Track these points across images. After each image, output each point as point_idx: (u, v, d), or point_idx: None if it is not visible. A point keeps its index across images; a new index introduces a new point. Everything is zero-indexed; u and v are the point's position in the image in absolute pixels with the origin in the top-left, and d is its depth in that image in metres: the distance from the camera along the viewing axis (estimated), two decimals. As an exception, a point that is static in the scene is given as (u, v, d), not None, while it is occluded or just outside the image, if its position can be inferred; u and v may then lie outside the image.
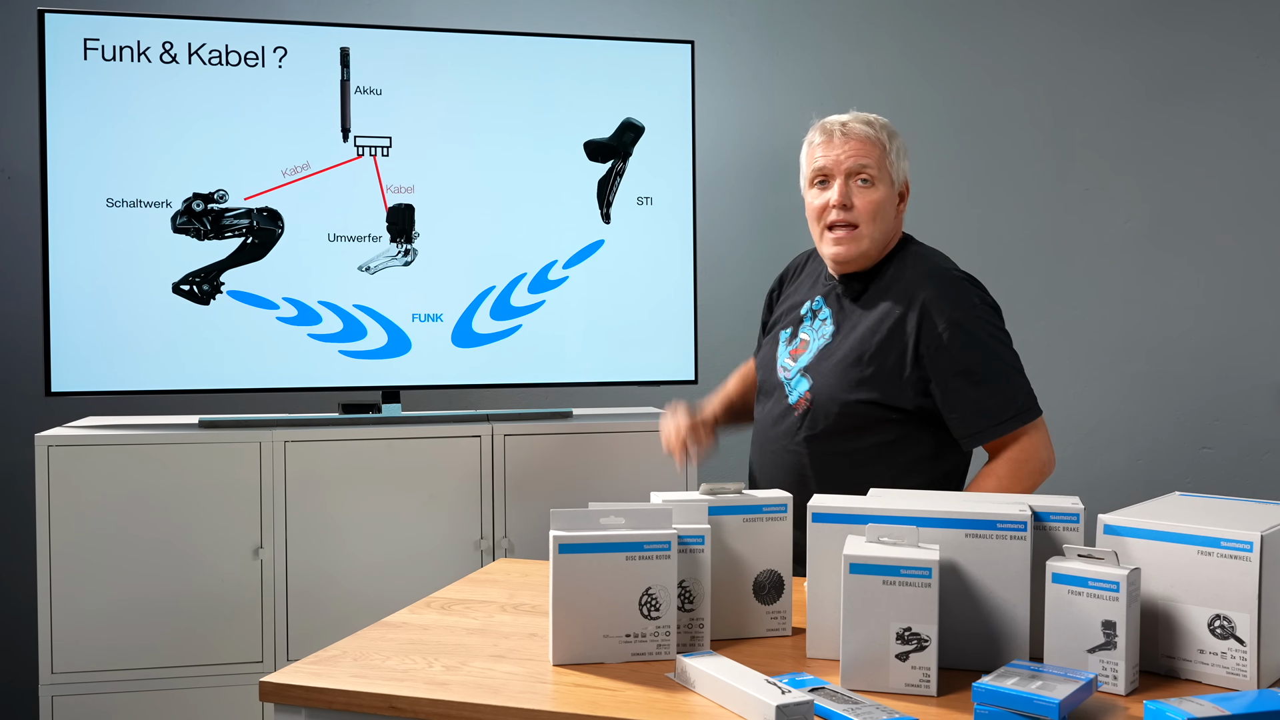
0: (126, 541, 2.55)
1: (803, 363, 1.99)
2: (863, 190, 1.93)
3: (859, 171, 1.92)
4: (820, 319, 2.01)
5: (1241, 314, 3.26)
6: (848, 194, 1.92)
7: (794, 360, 2.01)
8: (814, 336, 2.00)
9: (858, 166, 1.92)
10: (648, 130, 2.95)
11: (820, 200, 1.95)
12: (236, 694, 2.58)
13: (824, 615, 1.43)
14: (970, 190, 3.36)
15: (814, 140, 1.98)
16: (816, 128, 1.99)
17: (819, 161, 1.95)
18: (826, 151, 1.94)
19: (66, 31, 2.65)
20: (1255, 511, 1.40)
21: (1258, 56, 3.24)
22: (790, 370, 2.01)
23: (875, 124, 1.96)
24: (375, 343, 2.81)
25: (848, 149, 1.93)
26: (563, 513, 1.43)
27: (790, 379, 2.00)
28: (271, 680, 1.37)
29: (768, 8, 3.40)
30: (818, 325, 2.01)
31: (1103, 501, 1.74)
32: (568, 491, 2.72)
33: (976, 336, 1.89)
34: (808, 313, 2.04)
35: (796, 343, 2.02)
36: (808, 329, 2.02)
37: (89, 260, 2.67)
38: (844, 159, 1.93)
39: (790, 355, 2.02)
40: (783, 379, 2.02)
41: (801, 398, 1.96)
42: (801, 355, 2.00)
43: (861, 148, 1.93)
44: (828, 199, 1.94)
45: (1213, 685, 1.30)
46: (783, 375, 2.02)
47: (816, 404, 1.94)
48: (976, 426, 1.88)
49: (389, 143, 2.81)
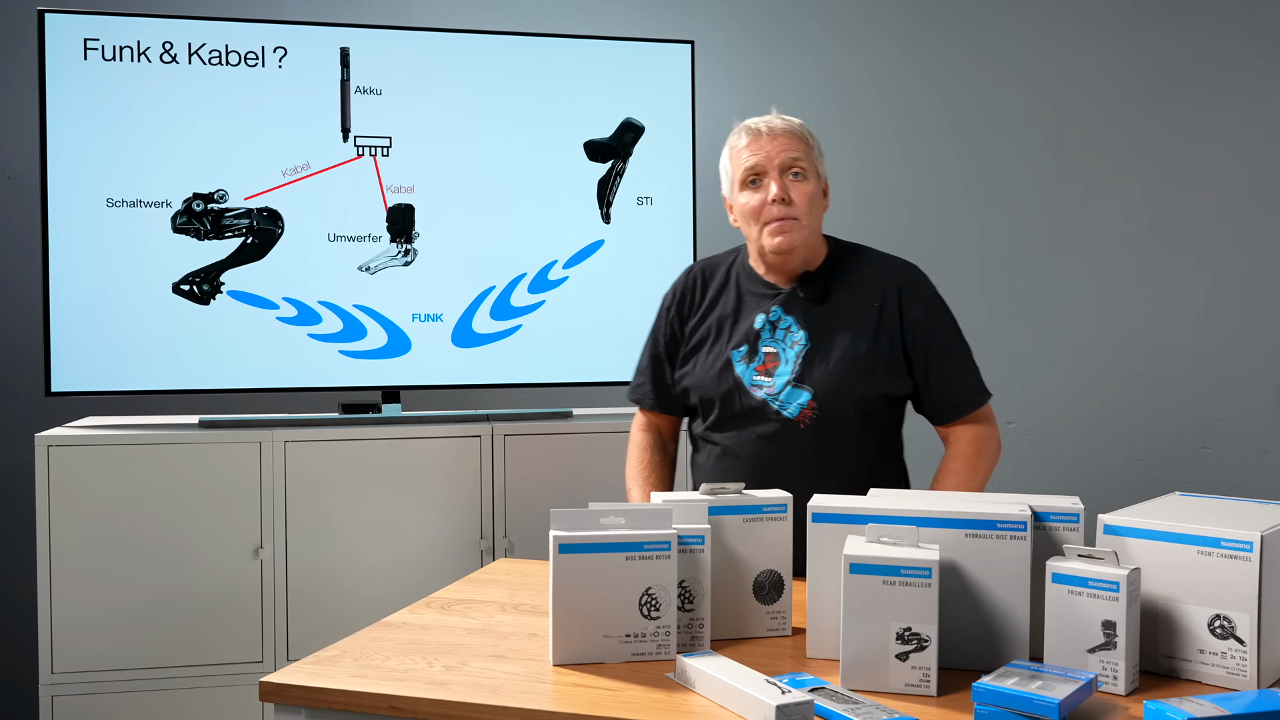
0: (126, 542, 2.55)
1: (787, 375, 1.92)
2: (796, 183, 1.93)
3: (792, 165, 1.92)
4: (783, 329, 1.95)
5: (1242, 314, 3.26)
6: (785, 188, 1.91)
7: (768, 376, 1.93)
8: (783, 347, 1.94)
9: (790, 160, 1.92)
10: (648, 130, 2.95)
11: (756, 199, 1.93)
12: (236, 694, 2.58)
13: (824, 615, 1.43)
14: (970, 190, 3.36)
15: (738, 143, 1.96)
16: (739, 130, 1.97)
17: (749, 160, 1.93)
18: (756, 150, 1.93)
19: (66, 31, 2.65)
20: (1255, 511, 1.40)
21: (1258, 56, 3.24)
22: (773, 386, 1.92)
23: (796, 123, 1.97)
24: (375, 343, 2.81)
25: (777, 145, 1.92)
26: (563, 513, 1.43)
27: (777, 395, 1.92)
28: (271, 680, 1.37)
29: (768, 8, 3.40)
30: (782, 335, 1.94)
31: (1103, 501, 1.74)
32: (568, 491, 2.72)
33: (946, 317, 1.99)
34: (763, 326, 1.95)
35: (760, 358, 1.94)
36: (771, 342, 1.94)
37: (89, 260, 2.67)
38: (775, 155, 1.92)
39: (759, 372, 1.94)
40: (764, 398, 1.92)
41: (804, 409, 1.90)
42: (778, 369, 1.93)
43: (790, 143, 1.93)
44: (764, 196, 1.92)
45: (1213, 685, 1.30)
46: (763, 394, 1.93)
47: (825, 410, 1.90)
48: (955, 400, 1.96)
49: (389, 143, 2.81)
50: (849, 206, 3.36)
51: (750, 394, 1.94)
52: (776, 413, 1.92)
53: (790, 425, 1.91)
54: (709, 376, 1.98)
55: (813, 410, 1.90)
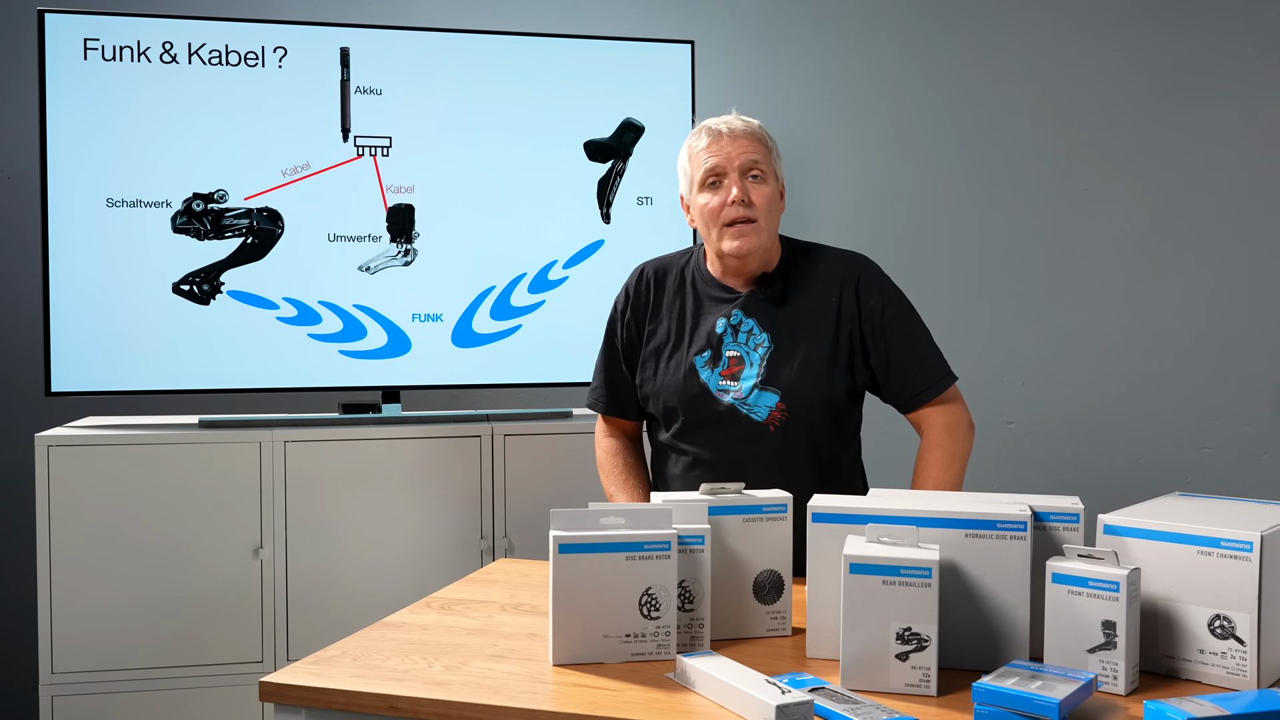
0: (126, 541, 2.55)
1: (752, 378, 1.92)
2: (756, 185, 1.92)
3: (751, 167, 1.92)
4: (745, 331, 1.94)
5: (1242, 313, 3.26)
6: (745, 190, 1.90)
7: (734, 380, 1.92)
8: (746, 350, 1.94)
9: (750, 162, 1.91)
10: (648, 130, 2.95)
11: (715, 200, 1.92)
12: (236, 694, 2.58)
13: (824, 615, 1.43)
14: (970, 190, 3.36)
15: (698, 144, 1.95)
16: (699, 131, 1.96)
17: (709, 161, 1.92)
18: (716, 151, 1.92)
19: (66, 31, 2.65)
20: (1255, 511, 1.40)
21: (1258, 55, 3.24)
22: (740, 390, 1.92)
23: (756, 125, 1.96)
24: (375, 343, 2.81)
25: (738, 146, 1.92)
26: (563, 513, 1.43)
27: (745, 399, 1.91)
28: (271, 680, 1.37)
29: (768, 8, 3.40)
30: (743, 339, 1.94)
31: (1103, 501, 1.74)
32: (568, 491, 2.72)
33: (904, 305, 1.99)
34: (725, 330, 1.95)
35: (725, 363, 1.94)
36: (734, 346, 1.94)
37: (89, 260, 2.67)
38: (735, 156, 1.91)
39: (724, 376, 1.93)
40: (731, 402, 1.92)
41: (773, 411, 1.91)
42: (743, 372, 1.92)
43: (751, 145, 1.92)
44: (724, 198, 1.91)
45: (1213, 685, 1.30)
46: (730, 399, 1.92)
47: (794, 411, 1.91)
48: (919, 387, 1.95)
49: (389, 143, 2.81)
50: (849, 206, 3.36)
51: (717, 399, 1.93)
52: (745, 417, 1.92)
53: (760, 428, 1.91)
54: (673, 383, 1.96)
55: (781, 412, 1.91)
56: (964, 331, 3.30)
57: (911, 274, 2.44)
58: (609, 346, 2.09)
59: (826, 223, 3.28)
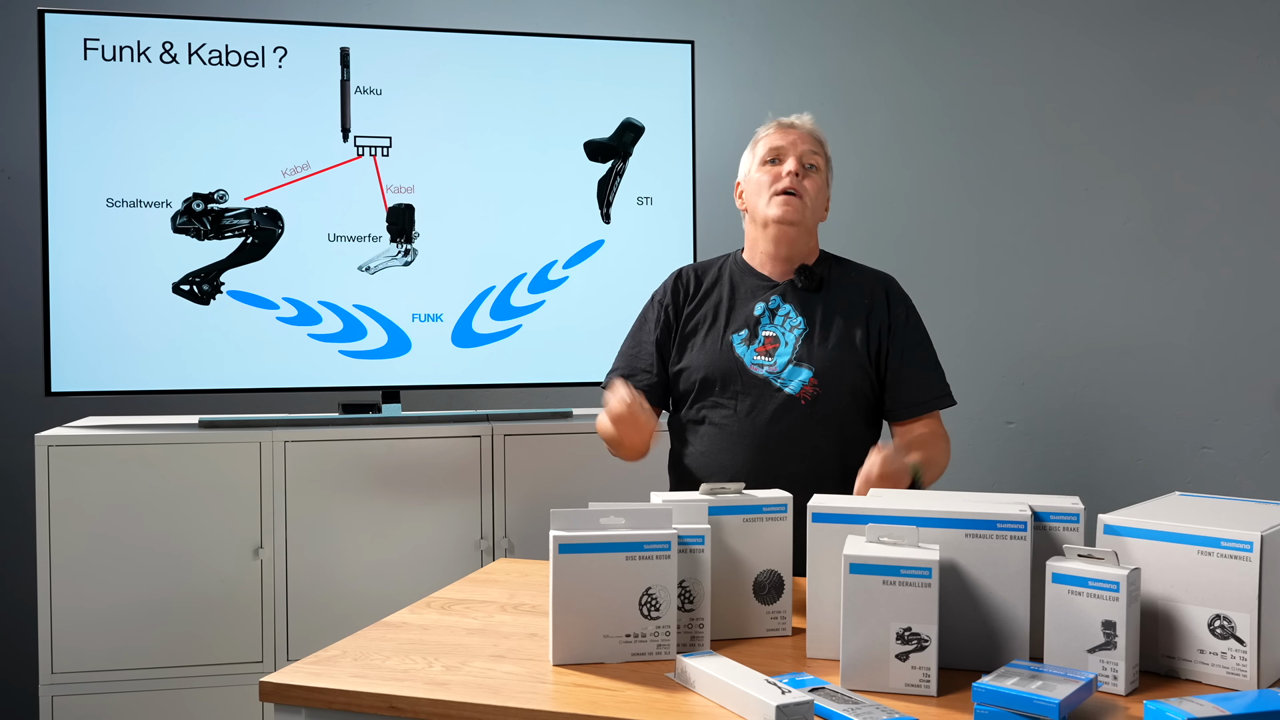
0: (126, 541, 2.55)
1: (787, 355, 2.03)
2: (810, 175, 2.09)
3: (810, 159, 2.09)
4: (782, 314, 2.07)
5: (1242, 313, 3.26)
6: (802, 168, 2.07)
7: (770, 356, 2.04)
8: (783, 331, 2.06)
9: (809, 153, 2.09)
10: (648, 130, 2.95)
11: (771, 172, 2.08)
12: (236, 694, 2.58)
13: (824, 615, 1.43)
14: (970, 190, 3.36)
15: (766, 130, 2.13)
16: (769, 124, 2.14)
17: (775, 141, 2.10)
18: (782, 137, 2.10)
19: (66, 31, 2.65)
20: (1255, 511, 1.40)
21: (1258, 55, 3.24)
22: (775, 365, 2.03)
23: (822, 133, 2.14)
24: (375, 343, 2.81)
25: (803, 139, 2.10)
26: (563, 513, 1.43)
27: (780, 374, 2.03)
28: (271, 680, 1.37)
29: (768, 8, 3.40)
30: (780, 320, 2.07)
31: (1103, 501, 1.74)
32: (568, 491, 2.72)
33: (921, 326, 2.14)
34: (763, 313, 2.07)
35: (760, 341, 2.05)
36: (772, 327, 2.06)
37: (89, 260, 2.67)
38: (799, 143, 2.09)
39: (759, 353, 2.05)
40: (765, 375, 2.03)
41: (805, 385, 2.01)
42: (779, 350, 2.04)
43: (814, 144, 2.11)
44: (780, 170, 2.06)
45: (1213, 685, 1.30)
46: (764, 373, 2.03)
47: (827, 387, 2.01)
48: (917, 398, 2.07)
49: (389, 143, 2.81)
50: (849, 206, 3.36)
51: (752, 372, 2.04)
52: (779, 389, 2.02)
53: (792, 400, 2.01)
54: (709, 356, 2.07)
55: (814, 387, 2.01)
56: (964, 331, 3.30)
57: (911, 274, 2.44)
58: (638, 329, 2.19)
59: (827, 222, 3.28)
